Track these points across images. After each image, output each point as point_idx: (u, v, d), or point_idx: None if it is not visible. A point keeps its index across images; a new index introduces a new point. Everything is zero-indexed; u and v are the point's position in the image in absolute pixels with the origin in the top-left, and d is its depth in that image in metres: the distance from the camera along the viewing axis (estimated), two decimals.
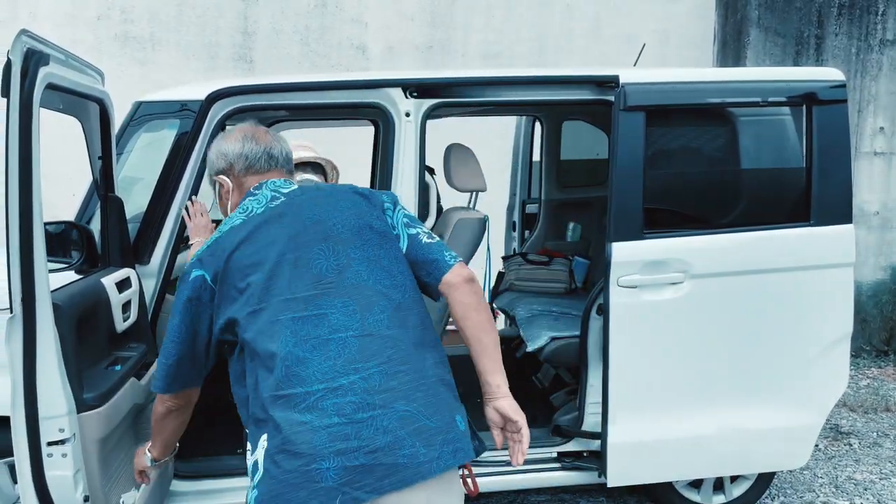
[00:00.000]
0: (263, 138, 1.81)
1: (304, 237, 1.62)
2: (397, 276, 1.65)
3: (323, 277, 1.59)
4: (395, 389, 1.51)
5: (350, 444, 1.45)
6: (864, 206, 5.60)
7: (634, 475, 2.87)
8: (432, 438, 1.50)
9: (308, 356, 1.52)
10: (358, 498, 1.43)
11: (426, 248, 1.71)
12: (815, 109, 2.80)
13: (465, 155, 3.16)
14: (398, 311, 1.60)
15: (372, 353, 1.53)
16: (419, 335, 1.62)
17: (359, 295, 1.58)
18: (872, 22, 5.58)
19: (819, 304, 2.84)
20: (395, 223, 1.73)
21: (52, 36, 6.22)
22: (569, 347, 3.06)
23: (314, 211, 1.67)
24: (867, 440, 4.13)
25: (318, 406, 1.48)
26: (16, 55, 1.86)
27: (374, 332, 1.55)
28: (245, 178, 1.78)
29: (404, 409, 1.50)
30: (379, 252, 1.65)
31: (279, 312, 1.56)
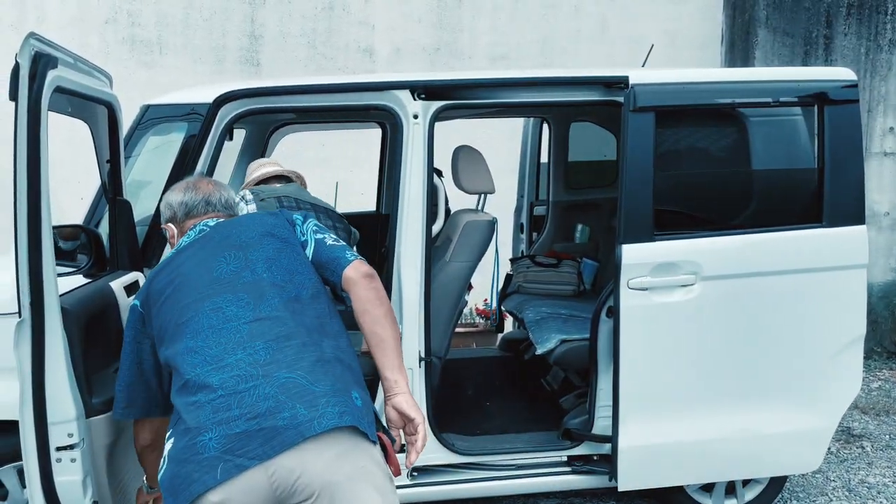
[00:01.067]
0: (204, 188, 2.02)
1: (212, 251, 1.81)
2: (297, 274, 1.78)
3: (221, 279, 1.74)
4: (279, 361, 1.58)
5: (231, 413, 1.50)
6: (873, 206, 5.56)
7: (645, 479, 2.85)
8: (315, 401, 1.52)
9: (201, 345, 1.63)
10: (241, 465, 1.44)
11: (329, 248, 1.85)
12: (827, 109, 2.78)
13: (473, 157, 3.15)
14: (293, 301, 1.72)
15: (260, 333, 1.63)
16: (315, 324, 1.70)
17: (254, 289, 1.72)
18: (882, 22, 5.54)
19: (831, 306, 2.81)
20: (304, 231, 1.90)
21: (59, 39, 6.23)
22: (579, 350, 3.04)
23: (226, 230, 1.86)
24: (880, 443, 4.09)
25: (206, 384, 1.56)
26: (24, 58, 1.86)
27: (265, 315, 1.66)
28: (185, 223, 1.98)
29: (287, 376, 1.55)
30: (279, 254, 1.80)
31: (181, 317, 1.70)
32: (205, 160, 2.63)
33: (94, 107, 2.37)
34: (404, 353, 2.70)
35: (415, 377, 2.75)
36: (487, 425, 3.23)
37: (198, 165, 2.62)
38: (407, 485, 2.81)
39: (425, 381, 2.78)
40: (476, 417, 3.31)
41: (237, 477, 1.44)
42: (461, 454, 2.85)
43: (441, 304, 2.94)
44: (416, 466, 2.82)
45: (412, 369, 2.75)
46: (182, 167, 2.60)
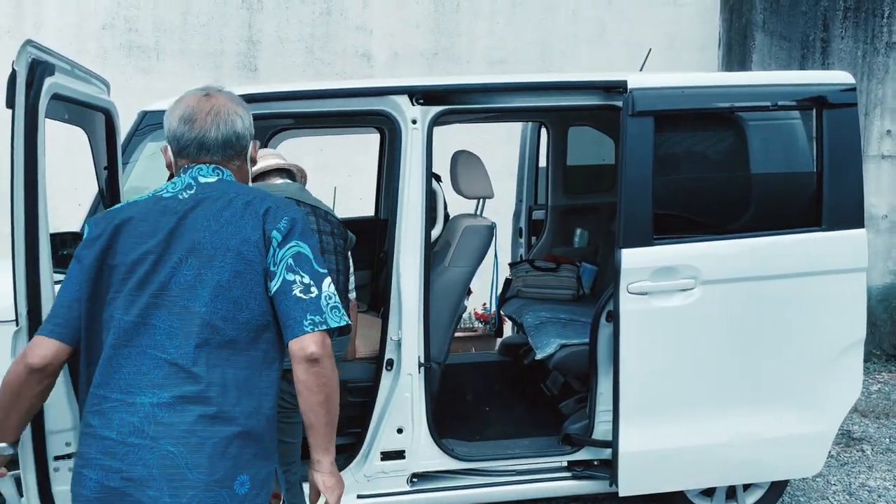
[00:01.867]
0: (201, 121, 1.65)
1: (175, 242, 1.56)
2: (244, 310, 1.54)
3: (167, 288, 1.54)
4: (174, 426, 1.47)
5: (114, 463, 1.47)
6: (871, 209, 5.56)
7: (646, 484, 2.84)
8: (182, 491, 1.45)
9: (122, 363, 1.53)
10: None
11: (292, 301, 1.54)
12: (826, 113, 2.78)
13: (472, 162, 3.15)
14: (224, 348, 1.53)
15: (173, 384, 1.49)
16: (241, 378, 1.53)
17: (188, 320, 1.52)
18: (878, 25, 5.55)
19: (831, 309, 2.81)
20: (278, 260, 1.57)
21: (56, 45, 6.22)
22: (578, 355, 3.04)
23: (198, 218, 1.58)
24: (880, 446, 4.08)
25: (107, 414, 1.51)
26: (21, 66, 1.85)
27: (181, 362, 1.50)
28: (178, 159, 1.70)
29: (171, 449, 1.46)
30: (234, 280, 1.54)
31: (119, 307, 1.55)
32: None
33: (92, 114, 2.37)
34: (405, 358, 2.73)
35: (414, 383, 2.75)
36: (487, 431, 3.22)
37: None
38: (406, 491, 2.80)
39: (424, 387, 2.77)
40: (476, 423, 3.31)
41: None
42: (461, 460, 2.84)
43: (440, 310, 2.93)
44: (415, 472, 2.82)
45: (412, 375, 2.74)
46: None
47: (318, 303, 1.55)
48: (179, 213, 1.59)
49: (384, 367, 2.75)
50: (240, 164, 1.72)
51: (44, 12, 5.97)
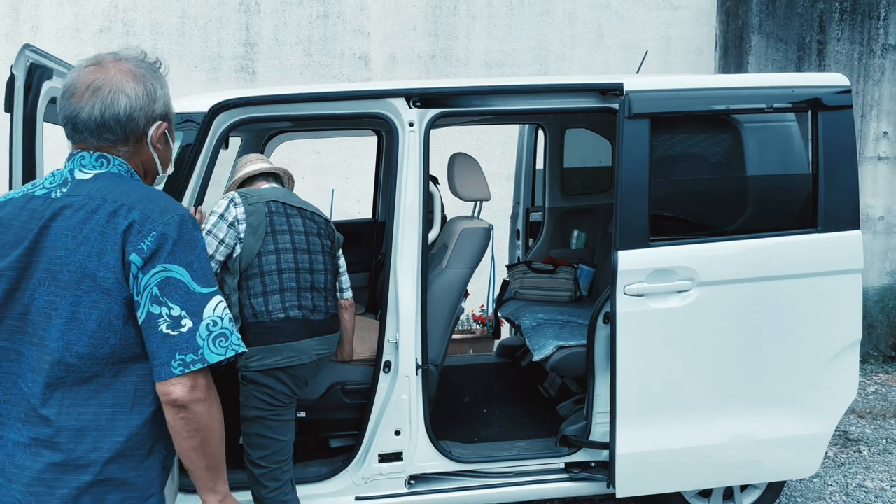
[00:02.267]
0: (77, 97, 1.40)
1: (37, 257, 1.35)
2: (103, 346, 1.33)
3: (28, 313, 1.35)
4: (25, 471, 1.33)
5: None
6: (868, 210, 5.58)
7: (643, 485, 2.84)
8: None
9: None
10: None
11: (158, 339, 1.33)
12: (821, 115, 2.79)
13: (468, 164, 3.16)
14: (85, 384, 1.34)
15: (31, 422, 1.35)
16: (104, 418, 1.35)
17: (43, 354, 1.34)
18: (874, 27, 5.57)
19: (827, 311, 2.82)
20: (139, 288, 1.33)
21: (54, 49, 6.25)
22: (575, 357, 3.04)
23: (59, 232, 1.35)
24: (877, 447, 4.09)
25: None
26: (19, 70, 1.85)
27: (34, 403, 1.34)
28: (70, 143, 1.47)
29: (18, 497, 1.33)
30: (90, 313, 1.32)
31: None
32: (200, 169, 2.63)
33: None
34: (402, 360, 2.73)
35: (411, 385, 2.75)
36: (485, 432, 3.22)
37: (193, 174, 2.62)
38: (404, 493, 2.80)
39: (422, 389, 2.77)
40: (473, 425, 3.31)
41: None
42: (458, 462, 2.84)
43: (438, 312, 2.93)
44: (413, 474, 2.82)
45: (409, 377, 2.75)
46: (177, 177, 2.60)
47: (191, 338, 1.33)
48: (44, 219, 1.36)
49: (382, 370, 2.75)
50: (130, 149, 1.45)
51: (41, 15, 5.98)
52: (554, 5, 6.27)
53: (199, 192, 2.63)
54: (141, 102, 1.42)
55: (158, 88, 1.46)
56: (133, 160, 1.46)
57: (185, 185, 2.60)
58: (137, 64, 1.44)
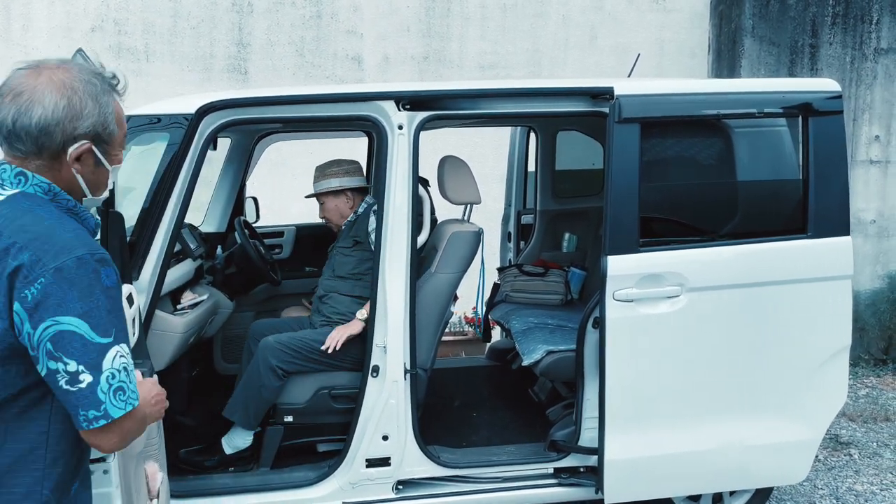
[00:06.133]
0: (1, 99, 1.32)
1: None
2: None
3: None
4: None
5: None
6: (860, 214, 5.59)
7: (632, 491, 2.84)
8: None
9: None
10: None
11: (61, 393, 1.25)
12: (812, 121, 2.79)
13: (459, 167, 3.14)
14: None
15: None
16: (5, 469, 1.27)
17: None
18: (867, 31, 5.58)
19: (817, 316, 2.81)
20: (33, 343, 1.24)
21: (46, 47, 6.21)
22: (565, 361, 3.03)
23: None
24: (867, 450, 4.10)
25: None
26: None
27: None
28: None
29: None
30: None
31: None
32: (187, 170, 2.61)
33: None
34: (390, 364, 2.71)
35: (400, 389, 2.73)
36: (474, 437, 3.21)
37: (180, 175, 2.59)
38: (392, 498, 2.79)
39: (410, 394, 2.76)
40: (462, 429, 3.30)
41: None
42: (447, 467, 2.83)
43: (426, 316, 2.92)
44: (400, 479, 2.80)
45: (397, 381, 2.73)
46: (164, 179, 2.58)
47: (90, 393, 1.24)
48: None
49: (370, 374, 2.73)
50: (45, 165, 1.34)
51: (32, 13, 5.94)
52: (547, 7, 6.26)
53: (186, 194, 2.61)
54: (59, 116, 1.30)
55: (90, 105, 1.33)
56: (55, 178, 1.35)
57: (171, 186, 2.58)
58: (75, 76, 1.33)
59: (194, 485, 2.74)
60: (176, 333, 2.76)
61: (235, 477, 2.84)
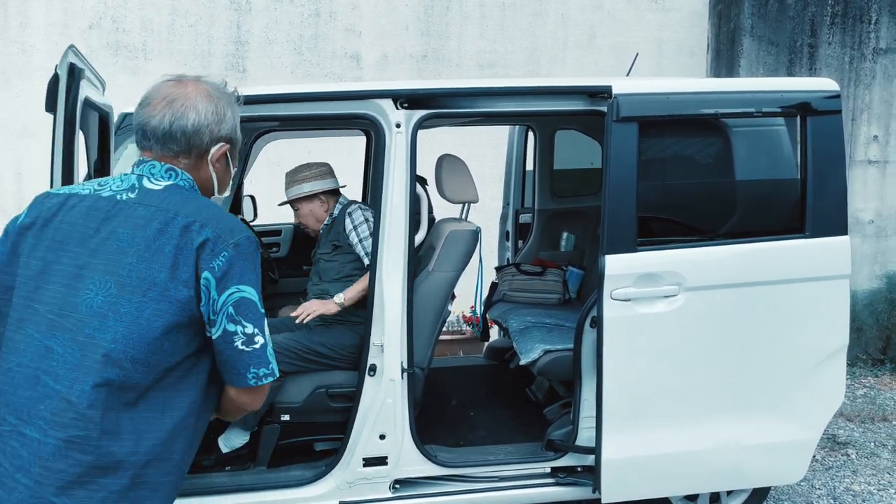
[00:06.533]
0: (152, 107, 1.48)
1: (98, 259, 1.39)
2: (157, 353, 1.37)
3: (77, 311, 1.37)
4: (59, 474, 1.33)
5: (2, 493, 1.36)
6: (858, 214, 5.59)
7: (629, 491, 2.83)
8: None
9: (21, 383, 1.38)
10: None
11: (234, 353, 1.43)
12: (810, 120, 2.78)
13: (456, 166, 3.14)
14: (128, 390, 1.37)
15: (61, 423, 1.34)
16: (141, 423, 1.39)
17: (91, 353, 1.35)
18: (865, 31, 5.58)
19: (814, 316, 2.81)
20: (213, 307, 1.40)
21: (43, 45, 6.20)
22: (562, 360, 3.03)
23: (129, 237, 1.39)
24: (864, 450, 4.10)
25: (3, 438, 1.38)
26: (63, 71, 1.84)
27: (76, 401, 1.34)
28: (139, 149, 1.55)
29: (53, 500, 1.33)
30: (154, 320, 1.36)
31: (28, 318, 1.40)
32: None
33: (89, 113, 2.34)
34: (387, 363, 2.71)
35: (397, 388, 2.73)
36: (471, 436, 3.21)
37: None
38: (389, 497, 2.78)
39: (407, 393, 2.75)
40: (460, 428, 3.29)
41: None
42: (444, 466, 2.82)
43: (424, 315, 2.91)
44: (397, 479, 2.80)
45: (395, 380, 2.73)
46: None
47: (263, 353, 1.44)
48: (111, 223, 1.40)
49: (367, 373, 2.73)
50: (190, 163, 1.51)
51: (30, 11, 5.92)
52: (546, 6, 6.26)
53: None
54: (209, 120, 1.49)
55: (226, 111, 1.53)
56: (195, 175, 1.52)
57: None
58: (214, 87, 1.54)
59: (190, 483, 2.73)
60: None
61: (232, 476, 2.84)
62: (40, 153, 6.07)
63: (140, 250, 1.38)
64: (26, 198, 6.03)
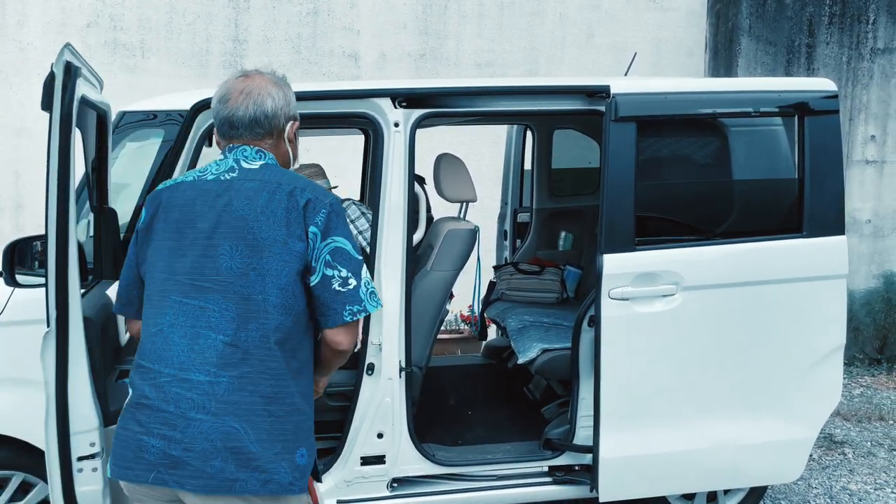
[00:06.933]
0: (233, 101, 1.73)
1: (224, 228, 1.65)
2: (290, 298, 1.65)
3: (220, 274, 1.63)
4: (235, 404, 1.60)
5: (175, 434, 1.59)
6: (855, 214, 5.60)
7: (627, 489, 2.84)
8: (248, 463, 1.59)
9: (177, 340, 1.62)
10: (165, 481, 1.60)
11: (331, 294, 1.67)
12: (808, 120, 2.79)
13: (455, 166, 3.14)
14: (275, 332, 1.64)
15: (231, 364, 1.61)
16: (290, 360, 1.67)
17: (244, 305, 1.62)
18: (863, 31, 5.59)
19: (812, 316, 2.82)
20: (315, 255, 1.67)
21: (40, 43, 6.18)
22: (560, 360, 3.03)
23: (245, 207, 1.66)
24: (861, 449, 4.11)
25: (163, 388, 1.61)
26: (59, 69, 1.84)
27: (241, 345, 1.61)
28: (220, 140, 1.79)
29: (233, 425, 1.59)
30: (283, 270, 1.64)
31: (171, 288, 1.65)
32: (182, 167, 2.60)
33: (86, 111, 2.34)
34: (385, 362, 2.71)
35: (395, 387, 2.73)
36: (469, 435, 3.21)
37: (175, 172, 2.59)
38: (386, 496, 2.78)
39: (405, 392, 2.75)
40: (457, 427, 3.30)
41: (162, 488, 1.62)
42: (442, 465, 2.82)
43: (422, 314, 2.92)
44: (395, 477, 2.80)
45: (392, 379, 2.73)
46: (160, 174, 2.57)
47: (356, 293, 1.68)
48: (224, 198, 1.66)
49: (365, 372, 2.73)
50: (273, 142, 1.77)
51: (27, 9, 5.91)
52: (544, 6, 6.26)
53: None
54: (281, 104, 1.75)
55: (290, 94, 1.80)
56: (276, 154, 1.77)
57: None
58: (274, 76, 1.79)
59: None
60: None
61: None
62: (38, 152, 6.07)
63: (257, 216, 1.64)
64: (24, 196, 6.02)
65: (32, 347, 2.02)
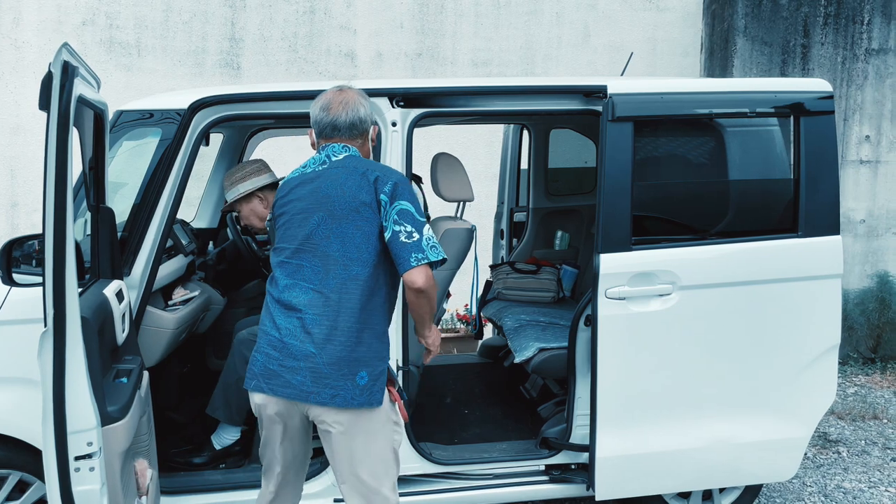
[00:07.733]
0: (335, 109, 2.22)
1: (315, 204, 2.15)
2: (364, 253, 2.12)
3: (311, 238, 2.14)
4: (314, 335, 2.08)
5: (273, 353, 2.12)
6: (849, 213, 5.63)
7: (623, 488, 2.85)
8: (320, 380, 2.08)
9: (291, 290, 2.14)
10: (262, 388, 2.14)
11: (399, 245, 2.10)
12: (803, 120, 2.80)
13: (452, 165, 3.14)
14: (351, 280, 2.11)
15: (315, 305, 2.10)
16: (361, 303, 2.11)
17: (327, 261, 2.12)
18: (858, 31, 5.61)
19: (806, 315, 2.83)
20: (386, 217, 2.12)
21: (36, 41, 6.17)
22: (556, 359, 3.04)
23: (330, 186, 2.15)
24: (855, 448, 4.13)
25: (276, 320, 2.14)
26: (57, 68, 1.83)
27: (324, 291, 2.11)
28: (318, 139, 2.27)
29: (312, 350, 2.08)
30: (356, 233, 2.11)
31: (282, 253, 2.19)
32: (179, 166, 2.60)
33: (83, 110, 2.33)
34: None
35: None
36: (466, 434, 3.22)
37: (172, 171, 2.59)
38: None
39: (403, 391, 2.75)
40: (454, 426, 3.30)
41: (267, 395, 2.13)
42: (439, 463, 2.83)
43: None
44: None
45: None
46: (156, 174, 2.57)
47: (419, 244, 2.10)
48: (317, 183, 2.17)
49: None
50: (362, 141, 2.28)
51: (23, 7, 5.89)
52: (541, 5, 6.27)
53: (178, 189, 2.60)
54: (367, 112, 2.27)
55: (369, 105, 2.30)
56: (361, 149, 2.27)
57: (163, 182, 2.57)
58: (358, 90, 2.28)
59: (184, 481, 2.74)
60: (167, 330, 2.75)
61: (225, 473, 2.84)
62: (33, 150, 6.05)
63: (338, 192, 2.13)
64: (20, 195, 6.01)
65: (29, 347, 2.02)
